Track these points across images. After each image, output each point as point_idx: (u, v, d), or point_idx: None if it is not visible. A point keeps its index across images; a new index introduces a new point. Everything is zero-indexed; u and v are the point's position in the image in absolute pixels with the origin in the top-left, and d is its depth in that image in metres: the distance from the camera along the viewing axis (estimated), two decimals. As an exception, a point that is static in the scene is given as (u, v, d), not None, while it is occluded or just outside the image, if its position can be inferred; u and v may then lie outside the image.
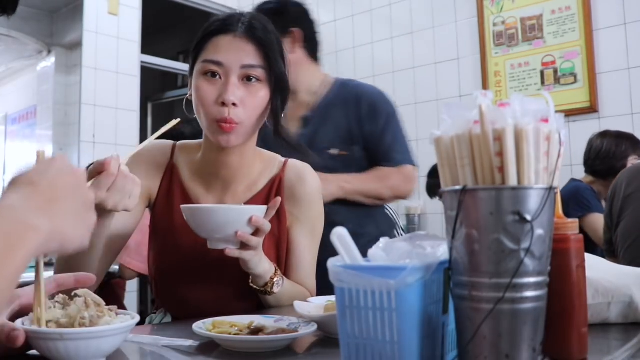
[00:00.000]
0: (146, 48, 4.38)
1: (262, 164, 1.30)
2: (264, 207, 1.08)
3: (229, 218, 1.04)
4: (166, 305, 1.31)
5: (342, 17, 4.57)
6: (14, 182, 0.60)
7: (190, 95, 1.20)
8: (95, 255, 1.07)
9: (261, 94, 1.15)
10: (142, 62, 4.32)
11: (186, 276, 1.23)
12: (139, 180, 0.98)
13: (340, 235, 0.64)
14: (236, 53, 1.13)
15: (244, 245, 1.06)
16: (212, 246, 1.08)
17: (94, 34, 4.03)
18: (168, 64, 4.89)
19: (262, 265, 1.12)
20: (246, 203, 1.25)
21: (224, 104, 1.11)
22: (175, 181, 1.27)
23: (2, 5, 0.82)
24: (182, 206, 1.08)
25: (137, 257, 2.55)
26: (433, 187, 3.53)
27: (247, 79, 1.14)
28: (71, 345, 0.70)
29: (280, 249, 1.28)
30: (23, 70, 5.19)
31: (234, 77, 1.13)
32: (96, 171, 0.91)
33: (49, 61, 4.57)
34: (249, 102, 1.14)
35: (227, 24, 1.15)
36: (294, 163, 1.32)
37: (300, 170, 1.31)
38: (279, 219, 1.26)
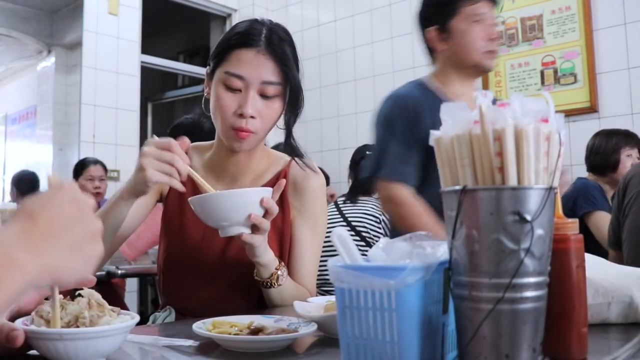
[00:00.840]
0: (146, 48, 4.38)
1: (269, 161, 1.36)
2: (270, 189, 1.09)
3: (241, 201, 1.04)
4: (170, 298, 1.33)
5: (342, 17, 4.57)
6: (18, 213, 0.61)
7: (208, 93, 1.28)
8: (105, 236, 1.13)
9: (276, 106, 1.23)
10: (142, 62, 4.32)
11: (192, 267, 1.27)
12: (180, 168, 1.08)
13: (340, 236, 0.64)
14: (257, 69, 1.19)
15: (254, 229, 1.08)
16: (225, 234, 1.07)
17: (94, 34, 4.03)
18: (168, 64, 4.90)
19: (267, 254, 1.14)
20: None
21: (242, 116, 1.19)
22: (187, 180, 1.31)
23: None
24: (190, 198, 1.09)
25: (131, 246, 2.60)
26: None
27: (265, 95, 1.21)
28: (70, 345, 0.70)
29: (283, 242, 1.30)
30: (23, 70, 5.20)
31: (253, 91, 1.19)
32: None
33: (49, 61, 4.58)
34: (265, 114, 1.21)
35: (251, 36, 1.21)
36: (300, 160, 1.37)
37: (306, 167, 1.36)
38: (282, 211, 1.29)
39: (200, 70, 5.05)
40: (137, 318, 0.78)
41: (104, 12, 4.08)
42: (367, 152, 3.06)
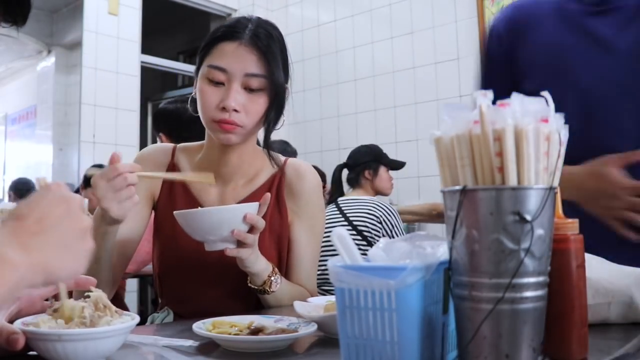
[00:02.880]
0: (146, 48, 4.38)
1: (263, 162, 1.33)
2: (256, 204, 1.09)
3: (224, 218, 1.05)
4: (169, 301, 1.33)
5: (342, 17, 4.57)
6: (8, 217, 0.62)
7: (195, 94, 1.24)
8: (103, 265, 1.14)
9: (261, 101, 1.19)
10: (142, 62, 4.32)
11: (189, 273, 1.25)
12: (135, 198, 1.05)
13: (340, 236, 0.64)
14: (240, 61, 1.16)
15: (240, 244, 1.08)
16: (210, 248, 1.08)
17: (94, 34, 4.03)
18: (168, 64, 4.90)
19: (258, 263, 1.14)
20: (246, 198, 1.28)
21: (224, 109, 1.16)
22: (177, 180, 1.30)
23: (13, 16, 0.83)
24: (175, 213, 1.09)
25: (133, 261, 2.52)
26: None
27: (249, 88, 1.18)
28: (69, 346, 0.70)
29: (281, 245, 1.29)
30: (23, 70, 5.20)
31: (237, 84, 1.16)
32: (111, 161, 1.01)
33: (49, 61, 4.57)
34: (250, 108, 1.17)
35: (235, 30, 1.19)
36: (294, 161, 1.36)
37: (300, 167, 1.34)
38: (280, 214, 1.29)
39: (200, 70, 5.03)
40: (137, 319, 0.77)
41: (104, 12, 4.08)
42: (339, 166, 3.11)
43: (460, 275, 0.60)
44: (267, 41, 1.19)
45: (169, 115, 2.54)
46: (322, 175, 2.83)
